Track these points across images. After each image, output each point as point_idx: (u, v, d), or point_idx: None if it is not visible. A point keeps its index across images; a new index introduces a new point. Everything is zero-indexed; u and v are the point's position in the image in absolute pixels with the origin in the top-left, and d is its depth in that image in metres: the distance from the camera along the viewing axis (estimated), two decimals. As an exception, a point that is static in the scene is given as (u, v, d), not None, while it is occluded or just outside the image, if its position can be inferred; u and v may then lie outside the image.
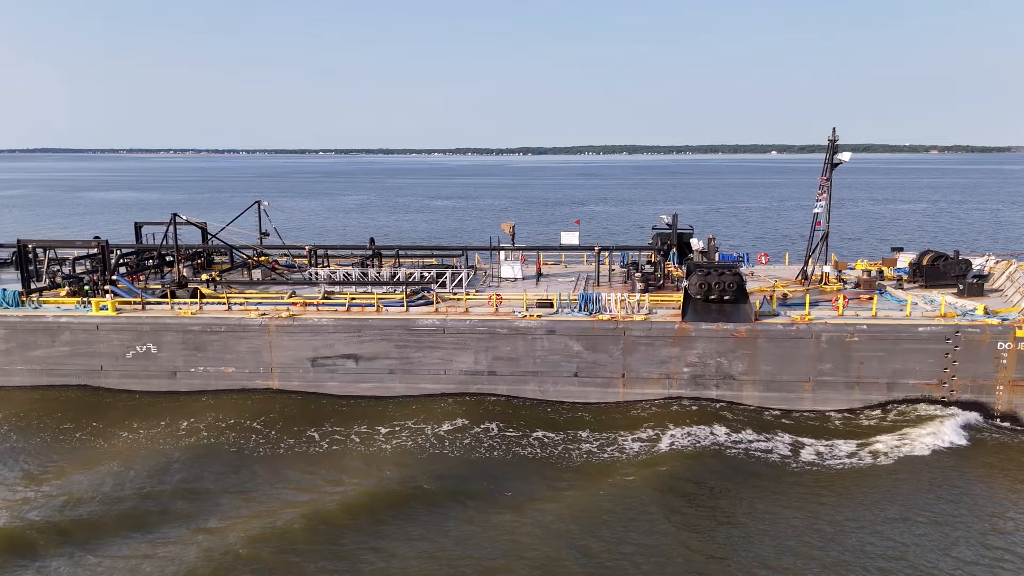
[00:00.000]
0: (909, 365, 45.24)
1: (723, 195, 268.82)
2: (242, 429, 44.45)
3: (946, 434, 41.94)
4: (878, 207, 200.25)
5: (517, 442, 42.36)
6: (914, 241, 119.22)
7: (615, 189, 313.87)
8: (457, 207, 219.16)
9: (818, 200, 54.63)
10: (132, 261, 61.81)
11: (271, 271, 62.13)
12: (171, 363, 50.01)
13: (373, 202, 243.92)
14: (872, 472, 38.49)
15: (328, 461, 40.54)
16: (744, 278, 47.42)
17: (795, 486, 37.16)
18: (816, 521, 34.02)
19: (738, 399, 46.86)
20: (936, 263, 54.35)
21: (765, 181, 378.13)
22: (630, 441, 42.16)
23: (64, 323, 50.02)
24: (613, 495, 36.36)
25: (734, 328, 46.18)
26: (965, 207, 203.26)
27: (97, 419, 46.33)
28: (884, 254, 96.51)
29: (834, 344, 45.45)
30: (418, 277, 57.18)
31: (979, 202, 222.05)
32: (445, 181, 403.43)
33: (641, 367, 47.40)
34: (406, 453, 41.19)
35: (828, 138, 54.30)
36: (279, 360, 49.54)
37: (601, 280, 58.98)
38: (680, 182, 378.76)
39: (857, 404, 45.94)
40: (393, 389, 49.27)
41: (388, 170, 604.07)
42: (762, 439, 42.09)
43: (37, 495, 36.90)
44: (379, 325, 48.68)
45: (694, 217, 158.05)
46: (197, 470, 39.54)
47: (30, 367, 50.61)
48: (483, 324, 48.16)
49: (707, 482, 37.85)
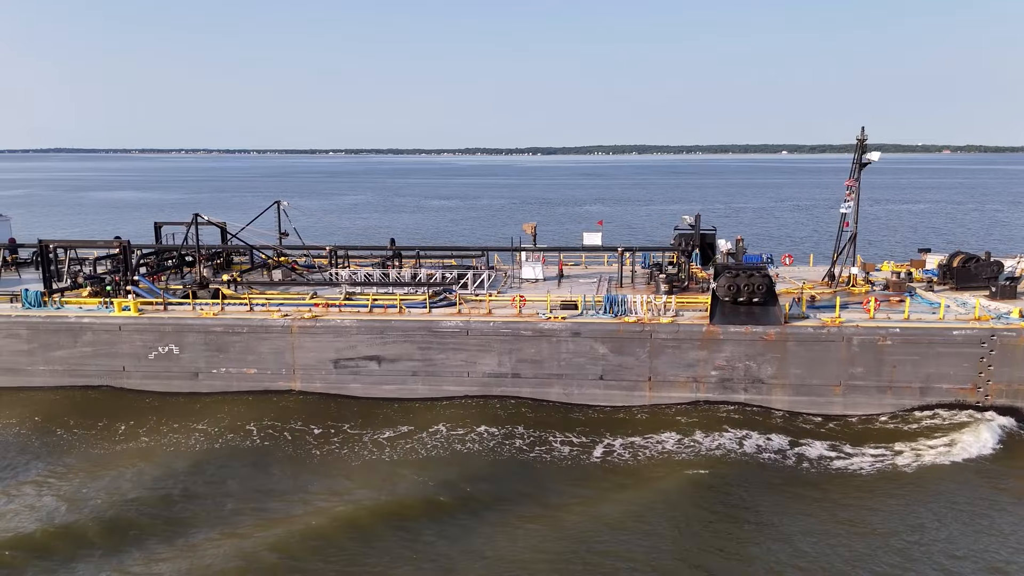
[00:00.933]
0: (943, 369, 44.36)
1: (723, 195, 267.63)
2: (265, 432, 44.02)
3: (982, 440, 40.97)
4: (899, 208, 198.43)
5: (543, 446, 41.73)
6: (937, 242, 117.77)
7: (614, 189, 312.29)
8: (452, 207, 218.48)
9: (846, 200, 53.77)
10: (152, 261, 61.60)
11: (291, 272, 61.75)
12: (193, 364, 49.69)
13: (369, 201, 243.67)
14: (907, 479, 37.59)
15: (353, 465, 40.01)
16: (773, 280, 46.67)
17: (826, 494, 36.30)
18: (852, 529, 33.27)
19: (767, 403, 46.10)
20: (967, 265, 53.42)
21: (767, 181, 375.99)
22: (658, 446, 41.45)
23: (86, 323, 49.78)
24: (642, 502, 35.67)
25: (763, 331, 45.44)
26: (989, 207, 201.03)
27: (119, 420, 46.01)
28: (906, 256, 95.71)
29: (866, 347, 44.62)
30: (439, 278, 56.71)
31: (1009, 202, 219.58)
32: (447, 181, 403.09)
33: (668, 370, 46.72)
34: (432, 457, 40.62)
35: (857, 137, 53.46)
36: (301, 361, 49.14)
37: (624, 281, 58.28)
38: (682, 182, 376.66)
39: (889, 409, 45.08)
40: (416, 391, 48.78)
41: (394, 170, 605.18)
42: (792, 445, 41.28)
43: (59, 498, 36.52)
44: (402, 326, 48.19)
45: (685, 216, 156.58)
46: (220, 473, 39.13)
47: (52, 367, 50.40)
48: (507, 326, 47.60)
49: (737, 489, 37.05)
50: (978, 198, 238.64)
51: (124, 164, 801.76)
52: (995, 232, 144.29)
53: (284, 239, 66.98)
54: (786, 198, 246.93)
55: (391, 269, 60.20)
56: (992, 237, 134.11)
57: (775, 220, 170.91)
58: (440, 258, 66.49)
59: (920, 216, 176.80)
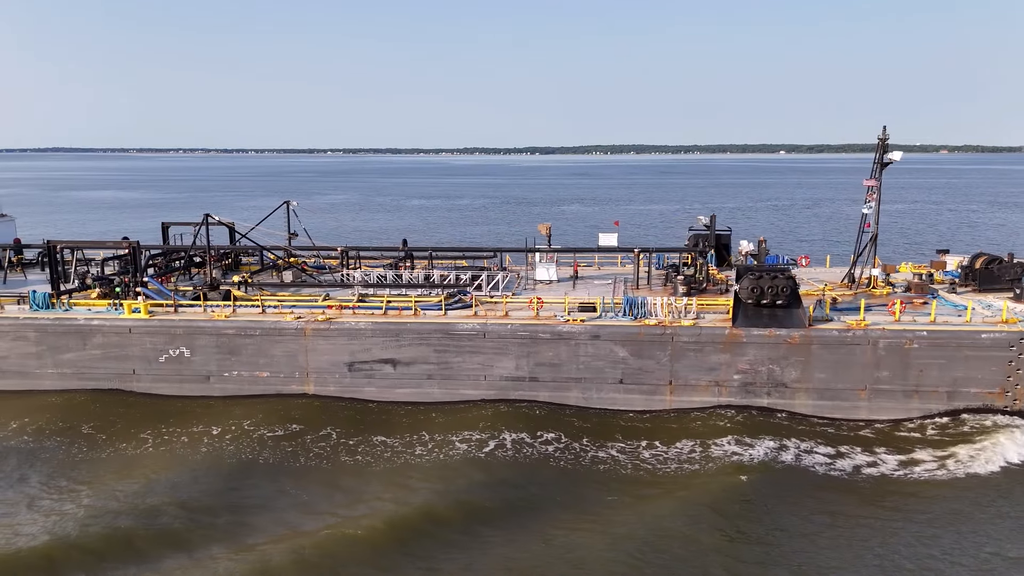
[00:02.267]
0: (971, 373, 43.58)
1: (704, 195, 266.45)
2: (279, 436, 43.11)
3: (1011, 445, 40.26)
4: (901, 207, 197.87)
5: (568, 452, 40.85)
6: (951, 243, 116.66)
7: (598, 189, 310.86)
8: (429, 207, 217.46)
9: (867, 201, 52.98)
10: (160, 262, 60.64)
11: (302, 273, 60.84)
12: (204, 367, 48.77)
13: (349, 201, 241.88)
14: (938, 486, 36.82)
15: (370, 472, 39.09)
16: (797, 282, 45.88)
17: (853, 501, 35.60)
18: (882, 538, 32.49)
19: (790, 407, 45.28)
20: (990, 266, 52.65)
21: (755, 181, 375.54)
22: (687, 452, 40.58)
23: (96, 326, 48.83)
24: (666, 510, 34.93)
25: (787, 334, 44.63)
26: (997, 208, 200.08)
27: (130, 424, 45.14)
28: (912, 256, 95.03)
29: (892, 351, 43.83)
30: (453, 280, 55.84)
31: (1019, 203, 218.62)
32: (435, 180, 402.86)
33: (689, 374, 45.90)
34: (451, 464, 39.77)
35: (878, 137, 52.67)
36: (315, 364, 48.24)
37: (640, 283, 57.43)
38: (669, 182, 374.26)
39: (915, 414, 44.31)
40: (432, 395, 47.91)
41: (386, 169, 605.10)
42: (817, 450, 40.47)
43: (67, 507, 35.55)
44: (418, 329, 47.31)
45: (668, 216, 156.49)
46: (234, 480, 38.21)
47: (61, 370, 49.45)
48: (525, 328, 46.74)
49: (760, 497, 36.20)
50: (981, 199, 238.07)
51: (120, 164, 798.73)
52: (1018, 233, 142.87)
53: (293, 240, 66.02)
54: (766, 198, 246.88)
55: (404, 271, 59.25)
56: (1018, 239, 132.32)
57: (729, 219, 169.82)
58: (452, 259, 65.58)
59: (923, 217, 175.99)
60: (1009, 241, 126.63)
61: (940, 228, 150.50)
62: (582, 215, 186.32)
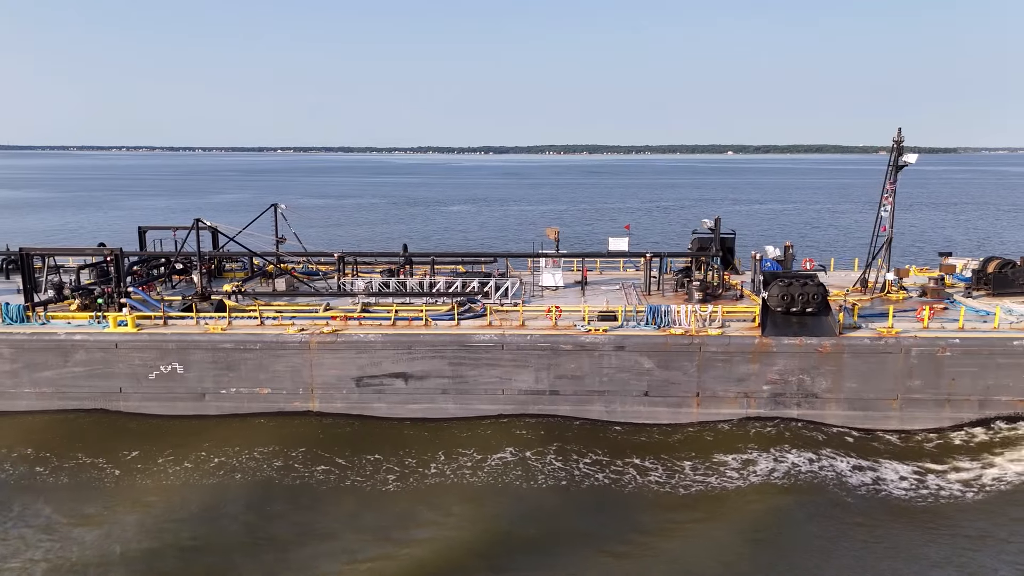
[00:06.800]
0: (1002, 380, 42.87)
1: (614, 195, 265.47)
2: (283, 459, 39.87)
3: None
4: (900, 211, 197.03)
5: (600, 472, 38.67)
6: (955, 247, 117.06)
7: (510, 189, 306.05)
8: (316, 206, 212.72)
9: (883, 204, 52.13)
10: (142, 270, 56.52)
11: (295, 280, 57.40)
12: (199, 384, 45.25)
13: (243, 200, 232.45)
14: (976, 499, 35.74)
15: (385, 498, 36.27)
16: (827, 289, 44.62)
17: (891, 518, 34.36)
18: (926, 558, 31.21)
19: (821, 418, 43.95)
20: (1004, 270, 52.30)
21: (675, 181, 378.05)
22: (716, 468, 38.76)
23: (78, 341, 44.86)
24: (706, 539, 33.09)
25: (818, 342, 43.28)
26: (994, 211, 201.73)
27: (117, 448, 41.38)
28: (913, 260, 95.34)
29: (924, 359, 42.83)
30: (459, 287, 53.22)
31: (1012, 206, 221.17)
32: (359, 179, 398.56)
33: (717, 385, 44.22)
34: (472, 486, 37.22)
35: (893, 139, 51.85)
36: (320, 380, 45.15)
37: (652, 289, 55.66)
38: (594, 182, 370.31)
39: (947, 423, 43.41)
40: (446, 410, 45.28)
41: (320, 168, 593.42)
42: (851, 464, 38.95)
43: (48, 547, 32.04)
44: (432, 341, 44.63)
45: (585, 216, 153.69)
46: (233, 512, 35.09)
47: (39, 390, 45.35)
48: (545, 339, 44.46)
49: (797, 515, 34.79)
50: (972, 200, 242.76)
51: (63, 162, 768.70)
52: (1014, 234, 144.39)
53: (281, 244, 62.43)
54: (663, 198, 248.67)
55: (406, 278, 56.30)
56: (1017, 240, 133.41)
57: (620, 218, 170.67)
58: (452, 264, 62.84)
59: (922, 219, 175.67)
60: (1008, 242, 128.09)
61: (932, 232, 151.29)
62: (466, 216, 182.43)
